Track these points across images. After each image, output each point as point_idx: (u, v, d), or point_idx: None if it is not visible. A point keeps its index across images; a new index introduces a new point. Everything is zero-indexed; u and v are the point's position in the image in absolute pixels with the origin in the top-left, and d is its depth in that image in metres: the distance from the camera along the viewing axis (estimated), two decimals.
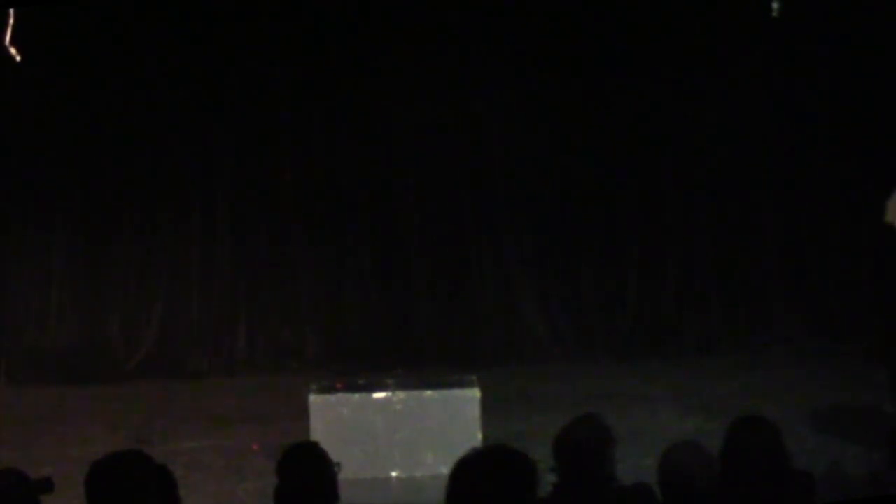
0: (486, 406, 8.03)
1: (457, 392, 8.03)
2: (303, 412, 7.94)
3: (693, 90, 11.51)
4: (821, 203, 11.84)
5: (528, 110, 11.51)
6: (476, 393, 7.97)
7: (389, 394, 8.03)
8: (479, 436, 7.86)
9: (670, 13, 11.23)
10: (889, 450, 4.70)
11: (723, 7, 11.14)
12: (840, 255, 11.81)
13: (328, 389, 8.16)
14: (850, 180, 11.62)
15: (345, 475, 4.74)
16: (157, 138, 11.42)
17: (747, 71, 11.48)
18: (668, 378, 10.37)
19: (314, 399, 7.95)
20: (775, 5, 9.99)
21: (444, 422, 7.91)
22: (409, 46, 11.36)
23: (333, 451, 4.87)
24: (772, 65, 11.49)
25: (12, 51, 8.56)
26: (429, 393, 8.06)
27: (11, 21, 8.31)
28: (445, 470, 3.93)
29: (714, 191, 11.70)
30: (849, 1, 10.94)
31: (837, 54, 11.29)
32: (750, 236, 11.80)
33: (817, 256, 11.88)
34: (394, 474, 7.92)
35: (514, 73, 11.46)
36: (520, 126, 11.57)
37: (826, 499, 4.26)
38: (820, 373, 10.24)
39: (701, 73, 11.49)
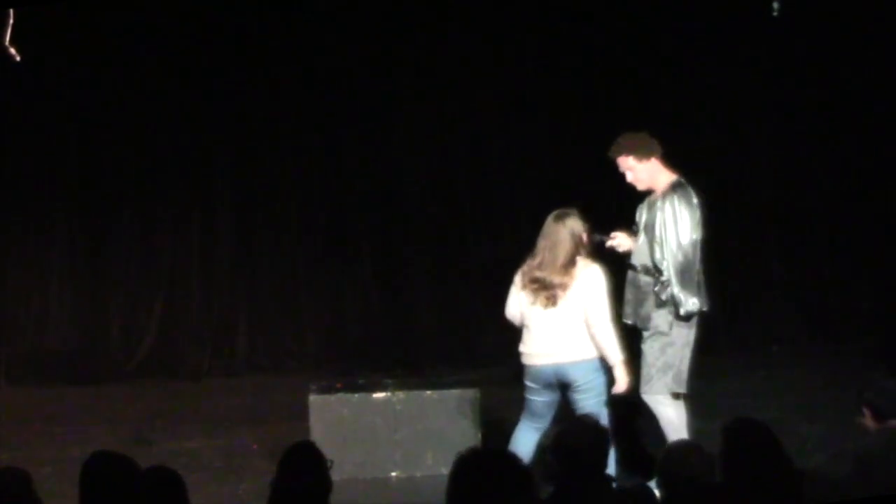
0: (486, 406, 8.03)
1: (457, 392, 8.03)
2: (303, 412, 7.95)
3: (693, 90, 11.51)
4: (820, 203, 11.85)
5: (527, 111, 11.52)
6: (476, 393, 7.98)
7: (389, 394, 8.03)
8: (479, 436, 7.87)
9: (670, 13, 11.24)
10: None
11: (723, 7, 11.15)
12: (840, 255, 11.81)
13: (328, 389, 8.17)
14: (851, 180, 11.64)
15: (345, 475, 4.75)
16: (157, 138, 11.42)
17: (747, 71, 11.49)
18: None
19: (314, 399, 7.95)
20: (775, 5, 9.99)
21: (444, 422, 7.92)
22: (409, 48, 11.37)
23: (333, 451, 4.88)
24: (772, 65, 11.50)
25: (12, 51, 8.54)
26: (429, 393, 8.07)
27: (11, 21, 8.29)
28: (445, 470, 3.94)
29: (713, 191, 11.68)
30: (849, 1, 10.95)
31: (837, 54, 11.30)
32: (750, 236, 11.81)
33: (817, 256, 11.88)
34: (394, 474, 7.92)
35: (513, 74, 11.47)
36: (519, 127, 11.57)
37: (825, 498, 4.26)
38: (820, 373, 10.24)
39: (701, 72, 11.50)
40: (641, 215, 7.23)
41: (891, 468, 4.41)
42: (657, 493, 4.92)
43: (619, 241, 7.17)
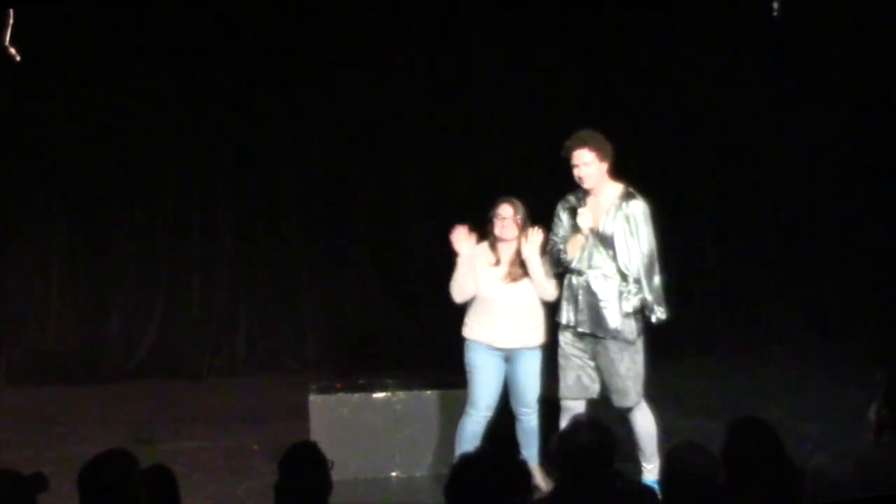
0: None
1: (457, 392, 8.03)
2: (303, 412, 7.95)
3: (692, 90, 11.51)
4: (821, 203, 11.85)
5: (528, 111, 11.52)
6: None
7: (389, 394, 8.03)
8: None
9: (670, 13, 11.24)
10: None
11: (723, 7, 11.15)
12: (840, 255, 11.81)
13: (328, 389, 8.17)
14: (850, 180, 11.64)
15: (345, 475, 4.75)
16: (157, 138, 11.41)
17: (747, 70, 11.49)
18: (668, 378, 10.36)
19: (314, 399, 7.95)
20: (775, 5, 9.99)
21: (444, 422, 7.92)
22: (409, 48, 11.37)
23: (333, 451, 4.87)
24: (772, 65, 11.50)
25: (12, 51, 8.54)
26: (429, 393, 8.07)
27: (11, 21, 8.30)
28: (445, 470, 3.94)
29: (713, 190, 11.71)
30: (849, 1, 10.96)
31: (837, 54, 11.30)
32: (750, 236, 11.80)
33: (817, 257, 11.88)
34: (394, 474, 7.92)
35: (514, 74, 11.46)
36: (520, 127, 11.57)
37: (825, 498, 4.26)
38: (820, 373, 10.25)
39: (701, 73, 11.50)
40: (563, 218, 7.13)
41: (891, 468, 4.40)
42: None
43: (586, 217, 7.03)
